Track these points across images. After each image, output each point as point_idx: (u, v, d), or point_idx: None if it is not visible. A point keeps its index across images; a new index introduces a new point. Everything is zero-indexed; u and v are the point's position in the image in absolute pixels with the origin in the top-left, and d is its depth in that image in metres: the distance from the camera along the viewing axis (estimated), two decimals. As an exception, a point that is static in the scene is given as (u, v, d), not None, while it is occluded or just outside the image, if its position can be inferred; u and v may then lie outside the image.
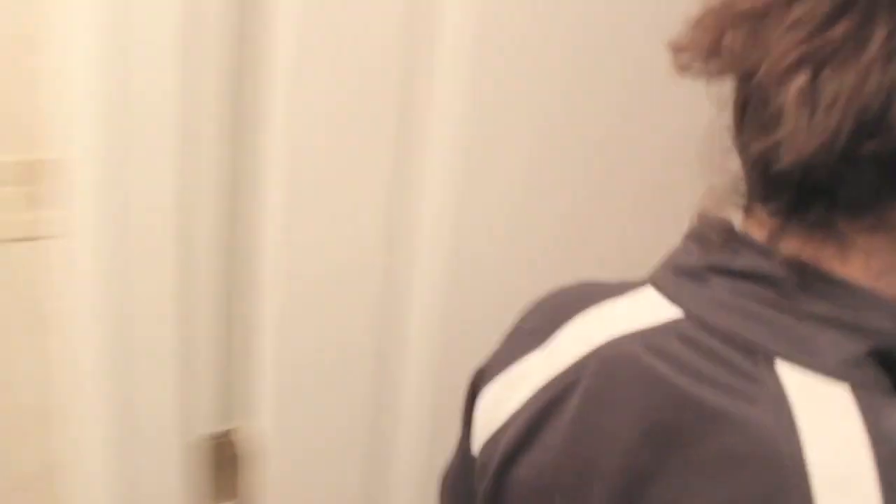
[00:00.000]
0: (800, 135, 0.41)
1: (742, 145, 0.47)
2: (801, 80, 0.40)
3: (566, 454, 0.54)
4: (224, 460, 1.21)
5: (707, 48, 0.46)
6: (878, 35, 0.39)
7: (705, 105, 0.50)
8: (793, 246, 0.46)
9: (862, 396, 0.43)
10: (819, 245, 0.46)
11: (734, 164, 0.49)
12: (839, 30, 0.40)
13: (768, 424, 0.44)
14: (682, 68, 0.48)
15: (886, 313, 0.45)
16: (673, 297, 0.52)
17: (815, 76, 0.40)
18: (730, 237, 0.50)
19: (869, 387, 0.44)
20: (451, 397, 0.75)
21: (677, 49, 0.48)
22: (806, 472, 0.42)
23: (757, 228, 0.49)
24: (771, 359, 0.46)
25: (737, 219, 0.51)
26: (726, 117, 0.49)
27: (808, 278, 0.46)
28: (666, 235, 0.58)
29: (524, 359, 0.61)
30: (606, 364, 0.54)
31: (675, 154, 0.69)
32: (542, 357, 0.60)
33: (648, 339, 0.52)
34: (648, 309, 0.53)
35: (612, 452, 0.51)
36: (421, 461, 1.20)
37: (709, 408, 0.46)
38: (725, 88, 0.48)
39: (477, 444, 0.64)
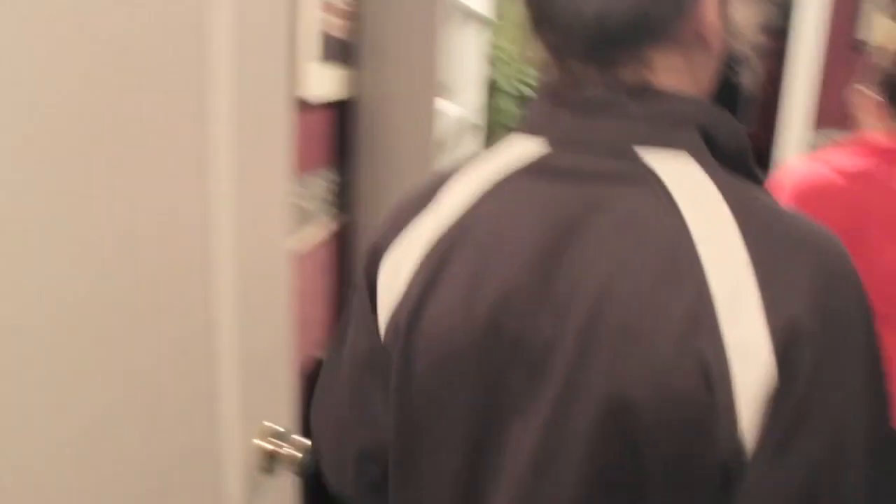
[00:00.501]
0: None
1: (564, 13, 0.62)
2: None
3: (471, 280, 0.62)
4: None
5: None
6: None
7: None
8: (621, 73, 0.63)
9: (707, 167, 0.60)
10: (638, 69, 0.63)
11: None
12: None
13: (647, 197, 0.59)
14: None
15: (696, 105, 0.62)
16: (538, 133, 0.65)
17: None
18: (573, 81, 0.64)
19: (708, 159, 0.60)
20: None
21: None
22: (690, 236, 0.56)
23: (589, 70, 0.64)
24: (633, 152, 0.61)
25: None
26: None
27: (643, 93, 0.62)
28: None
29: (413, 224, 0.68)
30: (495, 196, 0.64)
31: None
32: (429, 217, 0.67)
33: (531, 168, 0.64)
34: (523, 149, 0.65)
35: (519, 255, 0.61)
36: None
37: (598, 196, 0.60)
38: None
39: (384, 313, 0.69)
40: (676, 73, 0.64)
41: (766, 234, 0.56)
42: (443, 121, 2.32)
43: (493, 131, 3.54)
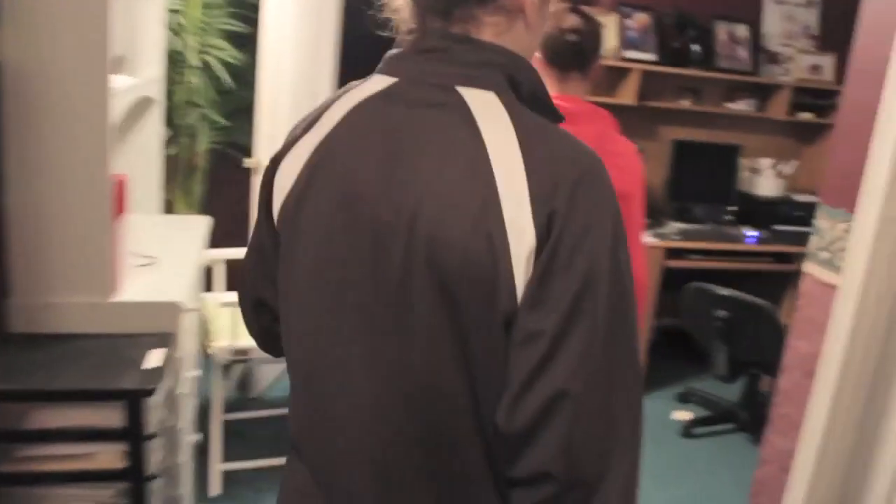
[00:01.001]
0: None
1: None
2: None
3: (335, 181, 0.83)
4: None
5: None
6: None
7: None
8: (456, 28, 0.83)
9: (506, 102, 0.81)
10: (469, 26, 0.83)
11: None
12: None
13: (458, 120, 0.79)
14: None
15: (506, 56, 0.83)
16: (392, 73, 0.86)
17: None
18: (420, 33, 0.85)
19: (509, 97, 0.82)
20: None
21: None
22: (486, 149, 0.77)
23: (434, 24, 0.84)
24: (453, 87, 0.81)
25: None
26: None
27: (466, 43, 0.83)
28: None
29: (302, 139, 0.89)
30: (355, 114, 0.85)
31: None
32: (313, 132, 0.88)
33: (381, 94, 0.85)
34: (379, 82, 0.86)
35: (367, 162, 0.82)
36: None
37: (423, 117, 0.81)
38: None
39: (277, 205, 0.90)
40: (498, 33, 0.84)
41: (539, 150, 0.78)
42: (117, 98, 1.96)
43: (178, 107, 3.16)
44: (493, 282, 0.74)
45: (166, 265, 2.24)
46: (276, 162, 0.92)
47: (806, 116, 3.83)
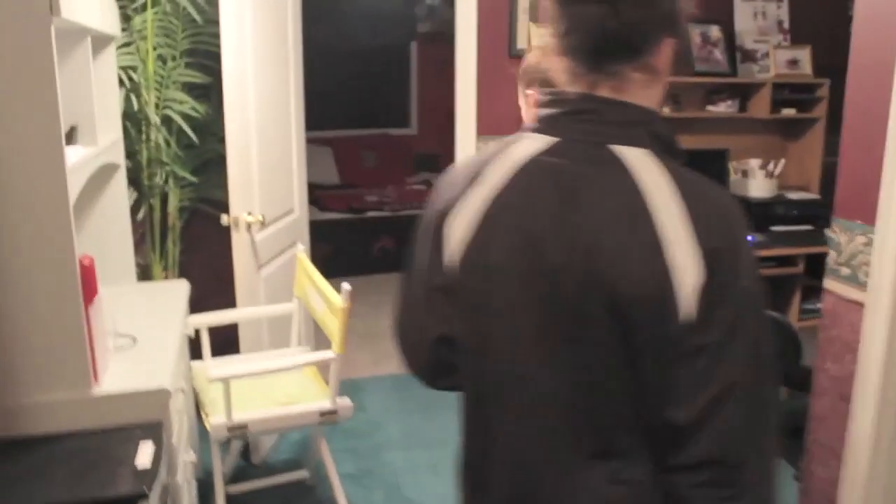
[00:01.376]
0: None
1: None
2: None
3: (514, 228, 0.97)
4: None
5: None
6: None
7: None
8: (603, 84, 0.96)
9: (654, 155, 0.93)
10: (616, 81, 0.96)
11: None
12: None
13: (616, 173, 0.92)
14: None
15: (648, 115, 0.97)
16: (549, 132, 0.99)
17: None
18: (561, 95, 0.99)
19: (659, 152, 0.94)
20: None
21: None
22: (644, 199, 0.90)
23: (580, 87, 0.97)
24: (608, 145, 0.94)
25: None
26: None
27: (614, 106, 0.96)
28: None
29: (469, 193, 1.02)
30: (524, 170, 0.98)
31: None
32: (479, 188, 1.01)
33: (545, 152, 0.97)
34: (538, 141, 0.99)
35: (542, 211, 0.95)
36: None
37: (586, 171, 0.94)
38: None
39: (453, 253, 1.02)
40: (640, 88, 0.96)
41: (691, 193, 0.90)
42: (76, 173, 1.82)
43: (144, 168, 3.00)
44: (660, 309, 0.87)
45: (147, 343, 2.08)
46: (443, 215, 1.05)
47: (789, 112, 3.75)
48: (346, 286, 2.20)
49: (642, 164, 0.92)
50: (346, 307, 2.21)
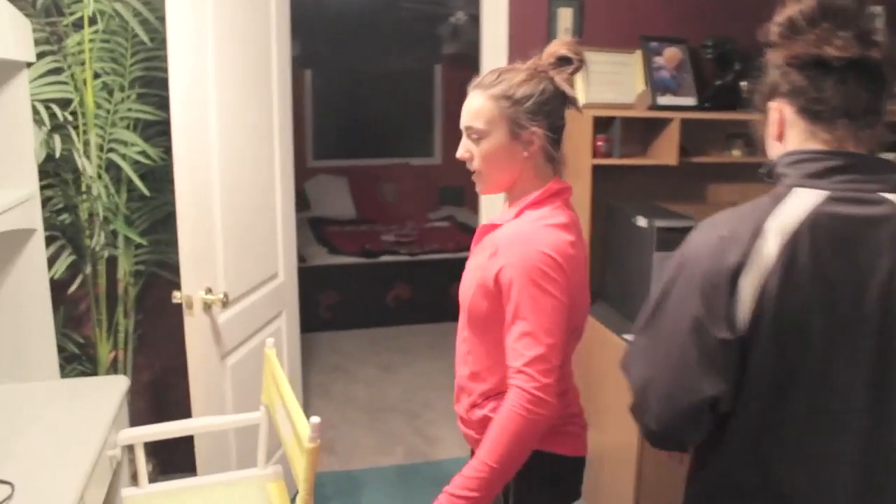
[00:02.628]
0: None
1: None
2: None
3: (813, 278, 1.04)
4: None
5: None
6: None
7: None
8: (862, 138, 1.11)
9: None
10: (873, 133, 1.11)
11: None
12: None
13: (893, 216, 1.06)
14: None
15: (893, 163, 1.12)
16: (818, 186, 1.08)
17: None
18: (826, 154, 1.10)
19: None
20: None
21: None
22: None
23: (833, 144, 1.11)
24: (883, 195, 1.07)
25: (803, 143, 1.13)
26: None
27: (871, 160, 1.10)
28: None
29: (755, 247, 1.06)
30: (810, 224, 1.05)
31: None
32: (765, 242, 1.06)
33: (825, 204, 1.06)
34: (812, 196, 1.07)
35: (844, 260, 1.05)
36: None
37: (872, 217, 1.05)
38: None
39: (743, 311, 1.06)
40: (875, 145, 1.13)
41: None
42: None
43: (82, 227, 2.38)
44: None
45: (30, 491, 1.46)
46: (736, 268, 1.06)
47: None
48: (314, 420, 1.54)
49: None
50: (313, 447, 1.56)
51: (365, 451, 3.38)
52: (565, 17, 2.80)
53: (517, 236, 1.38)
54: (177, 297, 2.13)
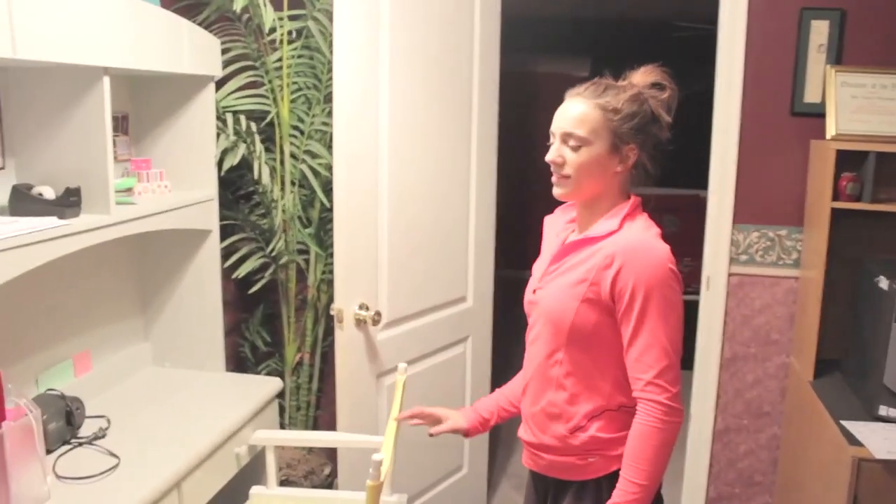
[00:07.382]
0: None
1: None
2: None
3: None
4: None
5: None
6: None
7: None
8: None
9: None
10: None
11: None
12: None
13: None
14: None
15: None
16: None
17: None
18: None
19: None
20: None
21: None
22: None
23: None
24: None
25: None
26: None
27: None
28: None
29: None
30: None
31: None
32: None
33: None
34: None
35: None
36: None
37: None
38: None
39: None
40: None
41: None
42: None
43: (283, 232, 2.49)
44: None
45: (133, 466, 1.53)
46: None
47: None
48: (376, 457, 1.39)
49: None
50: (371, 486, 1.40)
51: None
52: (819, 30, 2.33)
53: (635, 246, 1.37)
54: (332, 308, 2.13)
